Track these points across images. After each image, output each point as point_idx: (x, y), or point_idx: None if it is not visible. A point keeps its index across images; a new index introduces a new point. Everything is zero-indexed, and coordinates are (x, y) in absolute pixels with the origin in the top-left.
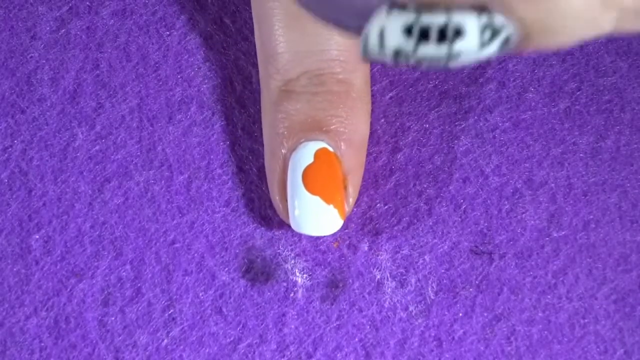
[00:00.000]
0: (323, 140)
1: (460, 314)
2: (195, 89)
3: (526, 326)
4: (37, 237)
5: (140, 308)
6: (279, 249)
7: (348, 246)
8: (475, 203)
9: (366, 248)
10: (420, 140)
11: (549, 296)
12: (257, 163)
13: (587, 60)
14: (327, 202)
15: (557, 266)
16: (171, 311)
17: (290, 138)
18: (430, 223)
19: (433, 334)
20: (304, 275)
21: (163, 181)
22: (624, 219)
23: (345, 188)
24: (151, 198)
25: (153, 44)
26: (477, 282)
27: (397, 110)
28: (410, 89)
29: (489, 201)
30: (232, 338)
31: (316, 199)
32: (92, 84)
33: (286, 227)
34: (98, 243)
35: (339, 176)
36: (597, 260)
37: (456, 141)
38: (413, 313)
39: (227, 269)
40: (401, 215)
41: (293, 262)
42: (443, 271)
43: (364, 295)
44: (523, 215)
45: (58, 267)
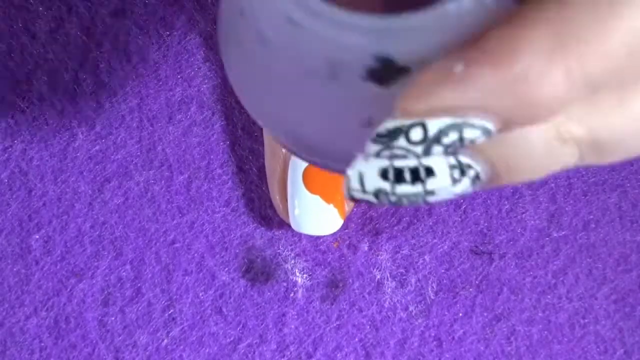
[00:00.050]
0: None
1: (460, 314)
2: (195, 89)
3: (526, 326)
4: (37, 237)
5: (140, 308)
6: (279, 249)
7: (348, 246)
8: (475, 203)
9: (366, 248)
10: None
11: (549, 296)
12: (257, 163)
13: None
14: (327, 202)
15: (557, 266)
16: (171, 311)
17: None
18: (430, 223)
19: (433, 334)
20: (304, 275)
21: (163, 181)
22: (624, 219)
23: None
24: (151, 198)
25: (153, 44)
26: (477, 282)
27: None
28: None
29: (489, 201)
30: (232, 338)
31: (316, 199)
32: (92, 84)
33: (286, 227)
34: (98, 243)
35: (339, 176)
36: (597, 260)
37: None
38: (413, 313)
39: (227, 269)
40: (401, 215)
41: (293, 262)
42: (443, 271)
43: (364, 295)
44: (523, 215)
45: (58, 267)
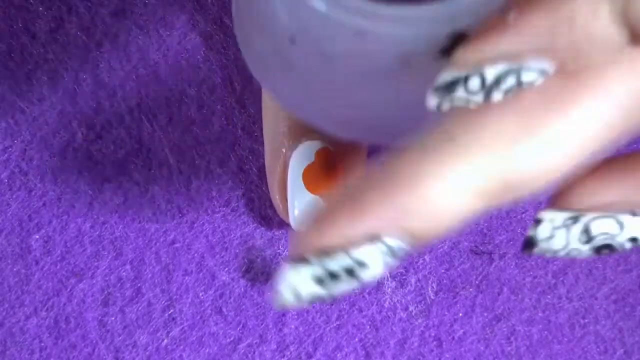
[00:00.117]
0: (323, 139)
1: (460, 314)
2: (195, 89)
3: (526, 326)
4: (37, 237)
5: (140, 308)
6: (279, 249)
7: None
8: None
9: None
10: None
11: (549, 296)
12: (257, 163)
13: None
14: None
15: (557, 266)
16: (171, 311)
17: (291, 137)
18: None
19: (433, 334)
20: None
21: (163, 181)
22: None
23: None
24: (151, 198)
25: (153, 44)
26: (477, 282)
27: None
28: None
29: None
30: (232, 338)
31: (316, 199)
32: (92, 84)
33: (286, 227)
34: (98, 243)
35: (339, 176)
36: (597, 260)
37: None
38: (413, 313)
39: (227, 269)
40: None
41: None
42: (443, 271)
43: (364, 295)
44: (523, 215)
45: (58, 267)
